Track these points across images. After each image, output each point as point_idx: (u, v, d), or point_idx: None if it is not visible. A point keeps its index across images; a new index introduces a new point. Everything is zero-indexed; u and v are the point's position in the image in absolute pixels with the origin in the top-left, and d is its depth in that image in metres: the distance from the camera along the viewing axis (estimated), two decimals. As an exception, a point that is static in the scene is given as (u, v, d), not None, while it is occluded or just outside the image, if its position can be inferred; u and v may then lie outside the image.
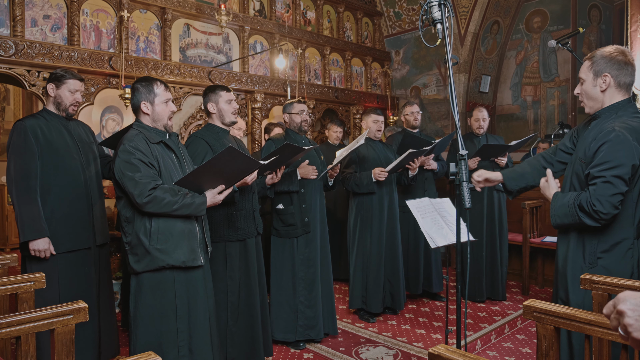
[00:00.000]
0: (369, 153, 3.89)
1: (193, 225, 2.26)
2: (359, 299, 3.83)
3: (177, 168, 2.31)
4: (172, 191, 2.13)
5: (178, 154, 2.36)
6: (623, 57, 1.93)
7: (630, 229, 1.90)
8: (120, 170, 2.12)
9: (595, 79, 1.96)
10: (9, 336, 1.45)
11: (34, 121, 2.66)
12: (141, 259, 2.14)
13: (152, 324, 2.16)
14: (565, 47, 3.64)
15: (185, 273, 2.22)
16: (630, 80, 1.95)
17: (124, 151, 2.13)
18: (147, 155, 2.15)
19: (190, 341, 2.22)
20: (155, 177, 2.14)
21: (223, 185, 2.28)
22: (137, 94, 2.27)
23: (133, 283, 2.20)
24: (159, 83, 2.30)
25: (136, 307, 2.18)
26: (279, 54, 5.08)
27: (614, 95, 1.96)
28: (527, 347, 3.38)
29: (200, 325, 2.27)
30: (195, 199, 2.18)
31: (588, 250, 1.96)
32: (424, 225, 2.69)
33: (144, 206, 2.08)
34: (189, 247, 2.21)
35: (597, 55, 1.96)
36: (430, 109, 6.48)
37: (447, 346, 1.19)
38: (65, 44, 3.91)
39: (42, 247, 2.55)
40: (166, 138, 2.31)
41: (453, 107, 1.98)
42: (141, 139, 2.18)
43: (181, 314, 2.20)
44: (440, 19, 2.03)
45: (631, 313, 0.88)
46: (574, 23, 5.69)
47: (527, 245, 4.54)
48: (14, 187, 2.56)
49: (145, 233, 2.13)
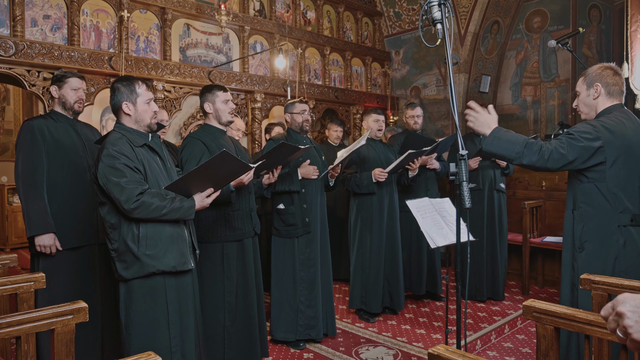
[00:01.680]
0: (369, 153, 3.89)
1: (181, 228, 2.21)
2: (359, 299, 3.83)
3: (162, 171, 2.26)
4: (159, 196, 2.08)
5: (162, 155, 2.31)
6: (611, 70, 2.24)
7: (613, 215, 2.10)
8: (105, 175, 2.04)
9: (588, 89, 2.26)
10: (9, 336, 1.45)
11: (41, 121, 2.75)
12: (130, 265, 2.08)
13: (145, 331, 2.11)
14: (565, 47, 3.64)
15: (176, 278, 2.18)
16: (619, 89, 2.24)
17: (108, 156, 2.06)
18: (132, 159, 2.08)
19: (182, 346, 2.19)
20: (142, 182, 2.08)
21: (212, 188, 2.25)
22: (118, 94, 2.19)
23: (122, 291, 2.13)
24: (141, 82, 2.23)
25: (127, 315, 2.12)
26: (279, 54, 5.08)
27: (605, 102, 2.24)
28: (527, 347, 3.38)
29: (190, 328, 2.24)
30: (184, 203, 2.14)
31: (576, 235, 2.19)
32: (424, 225, 2.69)
33: (132, 212, 2.02)
34: (179, 251, 2.16)
35: (589, 70, 2.28)
36: (430, 109, 6.48)
37: (446, 346, 1.19)
38: (65, 44, 3.91)
39: (47, 243, 2.59)
40: (149, 140, 2.25)
41: (453, 107, 1.98)
42: (125, 143, 2.11)
43: (173, 320, 2.15)
44: (440, 19, 2.04)
45: (631, 315, 0.88)
46: (574, 23, 5.69)
47: (527, 245, 4.54)
48: (21, 183, 2.63)
49: (133, 239, 2.07)
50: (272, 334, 3.30)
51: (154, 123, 2.28)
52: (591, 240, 2.14)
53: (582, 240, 2.17)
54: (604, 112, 2.22)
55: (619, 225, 2.09)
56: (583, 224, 2.17)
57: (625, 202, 2.10)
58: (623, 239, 2.08)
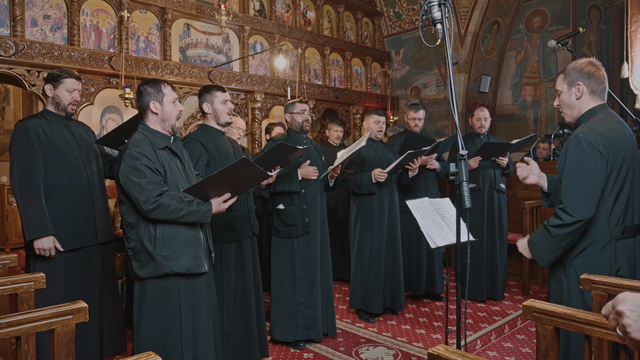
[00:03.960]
0: (369, 154, 3.89)
1: (197, 231, 2.25)
2: (359, 299, 3.83)
3: (182, 174, 2.30)
4: (178, 198, 2.11)
5: (182, 159, 2.35)
6: (592, 67, 2.08)
7: (604, 229, 1.97)
8: (126, 175, 2.10)
9: (570, 89, 2.11)
10: (9, 336, 1.45)
11: (35, 121, 2.69)
12: (145, 265, 2.12)
13: (156, 330, 2.15)
14: (565, 47, 3.64)
15: (190, 280, 2.20)
16: (602, 87, 2.09)
17: (130, 156, 2.11)
18: (153, 161, 2.13)
19: (194, 348, 2.20)
20: (161, 184, 2.12)
21: (229, 194, 2.28)
22: (145, 95, 2.26)
23: (137, 289, 2.18)
24: (166, 84, 2.31)
25: (140, 313, 2.16)
26: (279, 54, 5.08)
27: (589, 102, 2.09)
28: (527, 347, 3.38)
29: (205, 332, 2.25)
30: (201, 207, 2.17)
31: (567, 253, 2.04)
32: (424, 225, 2.69)
33: (150, 213, 2.06)
34: (193, 254, 2.19)
35: (569, 67, 2.11)
36: (430, 109, 6.48)
37: (446, 346, 1.19)
38: (65, 44, 3.91)
39: (47, 246, 2.56)
40: (171, 142, 2.29)
41: (453, 107, 1.98)
42: (147, 144, 2.16)
43: (185, 321, 2.18)
44: (440, 19, 2.04)
45: (630, 314, 0.88)
46: (574, 23, 5.69)
47: (527, 245, 4.54)
48: (17, 186, 2.57)
49: (149, 239, 2.11)
50: (272, 334, 3.30)
51: (178, 125, 2.35)
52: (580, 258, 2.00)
53: (571, 257, 2.02)
54: (587, 115, 2.10)
55: (611, 239, 1.98)
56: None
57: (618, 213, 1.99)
58: (614, 253, 1.97)
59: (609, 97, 2.22)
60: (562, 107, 2.18)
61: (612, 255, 1.96)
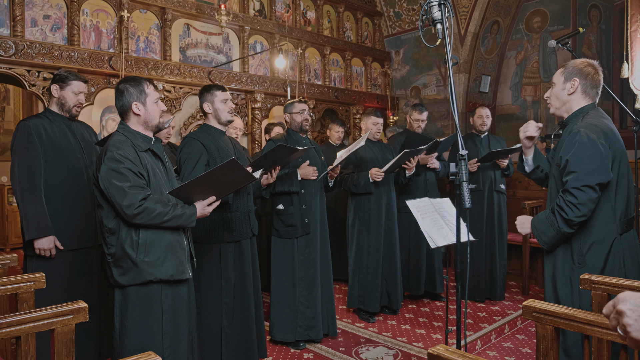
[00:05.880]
0: (367, 154, 3.89)
1: (181, 236, 2.18)
2: (356, 298, 3.83)
3: (164, 177, 2.22)
4: (162, 202, 2.04)
5: (164, 161, 2.28)
6: (592, 69, 2.11)
7: (612, 225, 1.99)
8: (107, 179, 1.99)
9: (564, 83, 2.14)
10: (9, 336, 1.45)
11: (37, 121, 2.69)
12: (127, 272, 2.03)
13: (138, 339, 2.07)
14: (565, 47, 3.63)
15: (172, 287, 2.14)
16: (595, 92, 2.13)
17: (112, 159, 2.00)
18: (136, 164, 2.04)
19: (175, 356, 2.16)
20: (145, 188, 2.04)
21: (214, 196, 2.22)
22: (127, 94, 2.14)
23: (118, 297, 2.08)
24: (148, 82, 2.21)
25: (122, 322, 2.07)
26: (279, 54, 5.08)
27: (580, 100, 2.13)
28: (527, 347, 3.38)
29: (184, 339, 2.21)
30: (185, 210, 2.11)
31: (576, 250, 2.04)
32: (424, 225, 2.69)
33: (134, 218, 1.98)
34: (177, 260, 2.12)
35: (570, 63, 2.15)
36: (430, 109, 6.48)
37: (446, 346, 1.19)
38: (65, 44, 3.91)
39: (46, 246, 2.56)
40: (151, 144, 2.21)
41: (453, 107, 1.98)
42: (129, 146, 2.06)
43: (167, 329, 2.11)
44: (440, 19, 2.04)
45: (630, 313, 0.88)
46: (574, 23, 5.68)
47: (527, 245, 4.54)
48: (18, 186, 2.57)
49: (131, 245, 2.02)
50: (272, 334, 3.30)
51: (162, 122, 2.26)
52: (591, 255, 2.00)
53: (582, 254, 2.00)
54: (578, 114, 2.11)
55: (619, 234, 1.99)
56: (582, 238, 2.02)
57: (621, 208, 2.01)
58: (622, 250, 1.98)
59: (609, 97, 2.25)
60: (551, 99, 2.21)
61: (620, 251, 1.99)
